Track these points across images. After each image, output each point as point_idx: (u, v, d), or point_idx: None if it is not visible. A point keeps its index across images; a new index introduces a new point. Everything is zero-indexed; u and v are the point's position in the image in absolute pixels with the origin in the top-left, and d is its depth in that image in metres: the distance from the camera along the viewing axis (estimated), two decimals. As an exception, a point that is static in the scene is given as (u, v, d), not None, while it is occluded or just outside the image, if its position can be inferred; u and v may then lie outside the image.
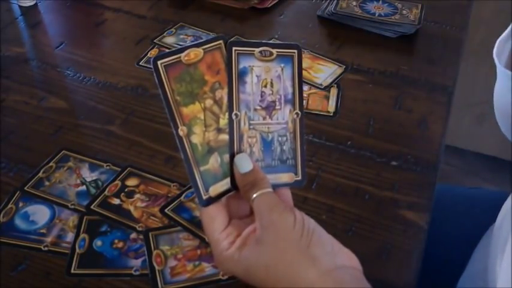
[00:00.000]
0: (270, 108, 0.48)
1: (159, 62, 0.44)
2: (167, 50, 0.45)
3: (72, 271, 0.55)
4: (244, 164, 0.46)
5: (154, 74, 0.44)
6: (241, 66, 0.46)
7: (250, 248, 0.44)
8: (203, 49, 0.45)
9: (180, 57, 0.45)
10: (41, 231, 0.59)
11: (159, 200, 0.62)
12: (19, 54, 0.86)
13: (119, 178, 0.65)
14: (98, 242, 0.58)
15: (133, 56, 0.85)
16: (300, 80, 0.49)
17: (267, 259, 0.43)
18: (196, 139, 0.45)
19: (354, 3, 0.95)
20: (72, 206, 0.61)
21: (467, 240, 0.69)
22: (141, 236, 0.58)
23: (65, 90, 0.80)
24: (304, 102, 0.77)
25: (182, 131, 0.45)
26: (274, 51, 0.47)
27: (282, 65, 0.48)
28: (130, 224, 0.60)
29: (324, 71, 0.83)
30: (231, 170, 0.47)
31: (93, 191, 0.63)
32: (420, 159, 0.69)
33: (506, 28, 0.55)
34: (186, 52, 0.45)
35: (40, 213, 0.61)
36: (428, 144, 0.72)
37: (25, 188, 0.63)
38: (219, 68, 0.46)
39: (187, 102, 0.45)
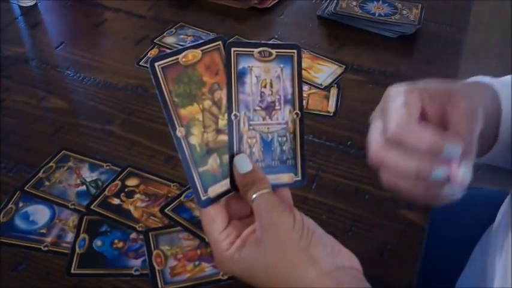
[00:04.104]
0: (269, 108, 0.48)
1: (156, 64, 0.44)
2: (167, 50, 0.45)
3: (72, 271, 0.55)
4: (243, 164, 0.46)
5: (152, 76, 0.43)
6: (240, 66, 0.46)
7: (250, 248, 0.44)
8: (201, 50, 0.45)
9: (177, 58, 0.44)
10: (41, 231, 0.59)
11: (159, 200, 0.62)
12: (19, 54, 0.86)
13: (119, 178, 0.65)
14: (98, 242, 0.58)
15: (133, 56, 0.85)
16: (300, 80, 0.48)
17: (267, 259, 0.43)
18: (194, 140, 0.45)
19: (354, 3, 0.95)
20: (72, 206, 0.61)
21: (467, 240, 0.69)
22: (141, 236, 0.58)
23: (65, 90, 0.80)
24: (304, 102, 0.77)
25: (180, 132, 0.45)
26: (273, 51, 0.47)
27: (282, 65, 0.48)
28: (130, 224, 0.60)
29: (324, 71, 0.83)
30: (230, 171, 0.47)
31: (93, 191, 0.63)
32: (420, 159, 0.69)
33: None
34: (183, 53, 0.45)
35: (40, 213, 0.61)
36: (428, 144, 0.71)
37: (25, 188, 0.63)
38: (217, 69, 0.46)
39: (186, 103, 0.45)
